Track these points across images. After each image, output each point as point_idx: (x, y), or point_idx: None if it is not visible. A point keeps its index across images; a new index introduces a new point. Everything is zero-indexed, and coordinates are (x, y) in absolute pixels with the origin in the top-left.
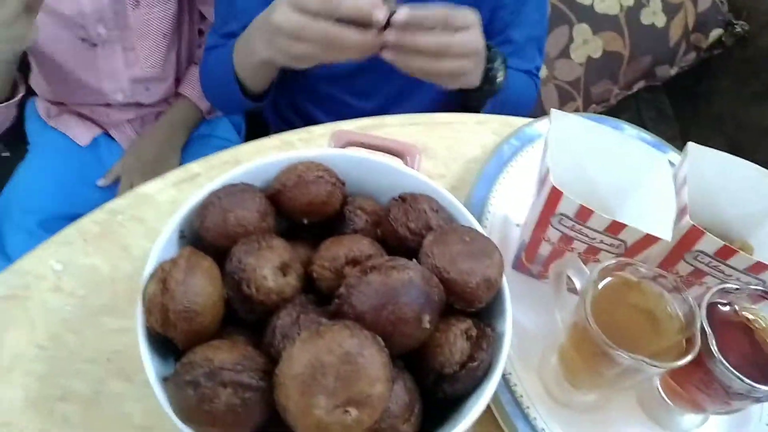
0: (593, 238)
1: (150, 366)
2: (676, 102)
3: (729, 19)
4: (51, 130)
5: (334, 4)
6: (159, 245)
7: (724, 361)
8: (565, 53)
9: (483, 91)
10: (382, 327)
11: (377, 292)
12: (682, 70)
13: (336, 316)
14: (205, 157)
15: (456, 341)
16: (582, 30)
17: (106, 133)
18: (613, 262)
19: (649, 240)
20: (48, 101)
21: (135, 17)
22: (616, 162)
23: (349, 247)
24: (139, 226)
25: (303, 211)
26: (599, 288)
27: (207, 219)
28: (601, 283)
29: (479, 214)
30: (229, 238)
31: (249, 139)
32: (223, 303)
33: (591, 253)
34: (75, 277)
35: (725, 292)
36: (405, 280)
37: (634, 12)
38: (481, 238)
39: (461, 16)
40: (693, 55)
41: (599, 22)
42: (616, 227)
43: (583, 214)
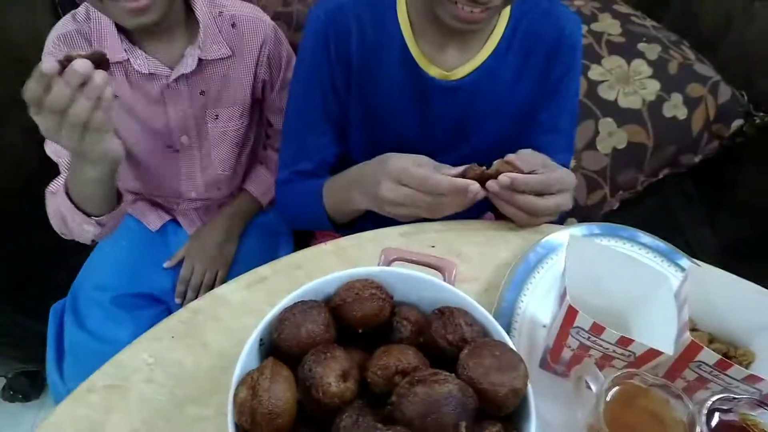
0: (607, 348)
1: None
2: (703, 187)
3: (749, 110)
4: (126, 215)
5: (431, 185)
6: (244, 352)
7: None
8: (591, 145)
9: None
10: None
11: (423, 402)
12: (706, 157)
13: (389, 421)
14: (272, 262)
15: None
16: (607, 124)
17: (173, 220)
18: (624, 371)
19: (654, 353)
20: (126, 190)
21: (213, 129)
22: (626, 281)
23: (398, 357)
24: (216, 325)
25: (359, 323)
26: (612, 394)
27: (283, 332)
28: (614, 390)
29: (509, 315)
30: (301, 348)
31: None
32: (296, 405)
33: (606, 360)
34: (164, 370)
35: (726, 399)
36: (446, 392)
37: (656, 106)
38: (509, 352)
39: (557, 183)
40: (716, 144)
41: (623, 116)
42: (625, 341)
43: (597, 329)
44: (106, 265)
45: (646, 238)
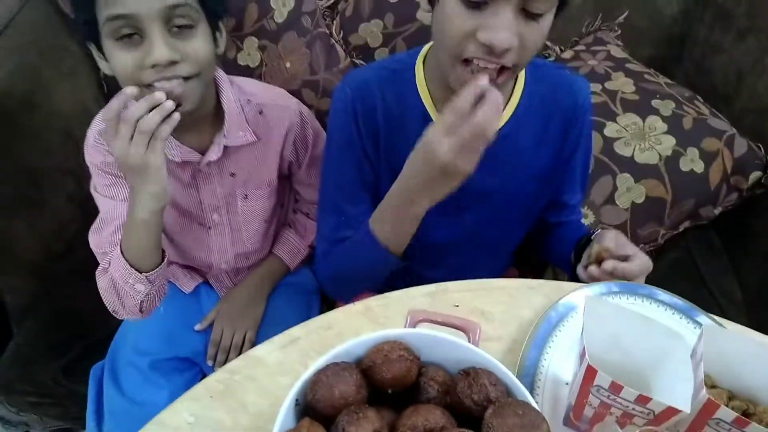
0: (626, 406)
1: None
2: (725, 238)
3: (766, 162)
4: None
5: (461, 104)
6: (281, 413)
7: None
8: (610, 200)
9: None
10: None
11: None
12: (726, 209)
13: None
14: (303, 323)
15: None
16: (624, 179)
17: (206, 282)
18: (645, 429)
19: (672, 411)
20: None
21: (243, 208)
22: (643, 340)
23: (425, 417)
24: (252, 384)
25: (388, 384)
26: None
27: (317, 393)
28: None
29: (532, 374)
30: (335, 408)
31: None
32: None
33: (627, 418)
34: (204, 429)
35: None
36: None
37: (672, 161)
38: (532, 411)
39: (645, 270)
40: (735, 195)
41: (640, 171)
42: (643, 399)
43: (615, 387)
44: (142, 327)
45: (663, 295)
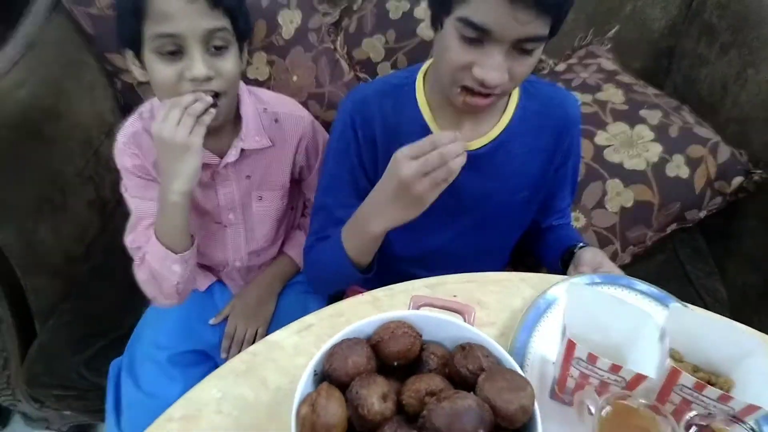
0: (602, 375)
1: None
2: (711, 241)
3: (748, 168)
4: None
5: (435, 140)
6: (303, 380)
7: None
8: (600, 204)
9: None
10: None
11: (448, 414)
12: (710, 213)
13: (421, 430)
14: (316, 311)
15: None
16: (614, 184)
17: (219, 281)
18: (616, 393)
19: (640, 377)
20: None
21: (257, 209)
22: (619, 320)
23: (427, 383)
24: (272, 365)
25: (395, 357)
26: (606, 411)
27: (334, 363)
28: (607, 408)
29: (522, 355)
30: (349, 376)
31: None
32: (346, 420)
33: (603, 387)
34: (230, 403)
35: (704, 416)
36: (466, 406)
37: (659, 167)
38: (518, 376)
39: None
40: (719, 199)
41: (629, 177)
42: (615, 368)
43: (592, 358)
44: (160, 323)
45: (641, 285)
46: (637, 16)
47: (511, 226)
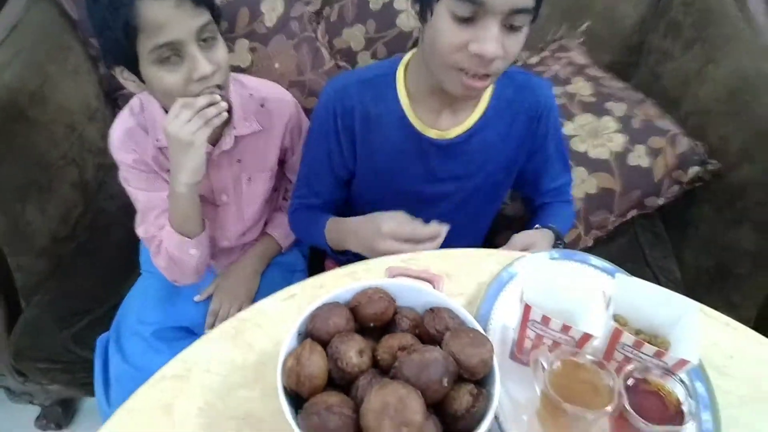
0: (555, 336)
1: (287, 406)
2: (669, 227)
3: (704, 159)
4: None
5: (418, 234)
6: (288, 338)
7: (632, 411)
8: None
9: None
10: (420, 385)
11: (417, 364)
12: (668, 200)
13: (393, 379)
14: (299, 282)
15: (464, 396)
16: (580, 172)
17: None
18: (566, 350)
19: (587, 336)
20: None
21: (247, 190)
22: (571, 287)
23: (399, 340)
24: (259, 330)
25: (371, 319)
26: (556, 366)
27: (316, 324)
28: (557, 363)
29: (486, 321)
30: (330, 335)
31: (312, 262)
32: (327, 372)
33: (555, 346)
34: (220, 363)
35: (642, 369)
36: (433, 358)
37: (621, 156)
38: (479, 335)
39: None
40: (677, 188)
41: (593, 165)
42: (566, 328)
43: (545, 320)
44: (145, 300)
45: (595, 260)
46: (609, 12)
47: (486, 206)
